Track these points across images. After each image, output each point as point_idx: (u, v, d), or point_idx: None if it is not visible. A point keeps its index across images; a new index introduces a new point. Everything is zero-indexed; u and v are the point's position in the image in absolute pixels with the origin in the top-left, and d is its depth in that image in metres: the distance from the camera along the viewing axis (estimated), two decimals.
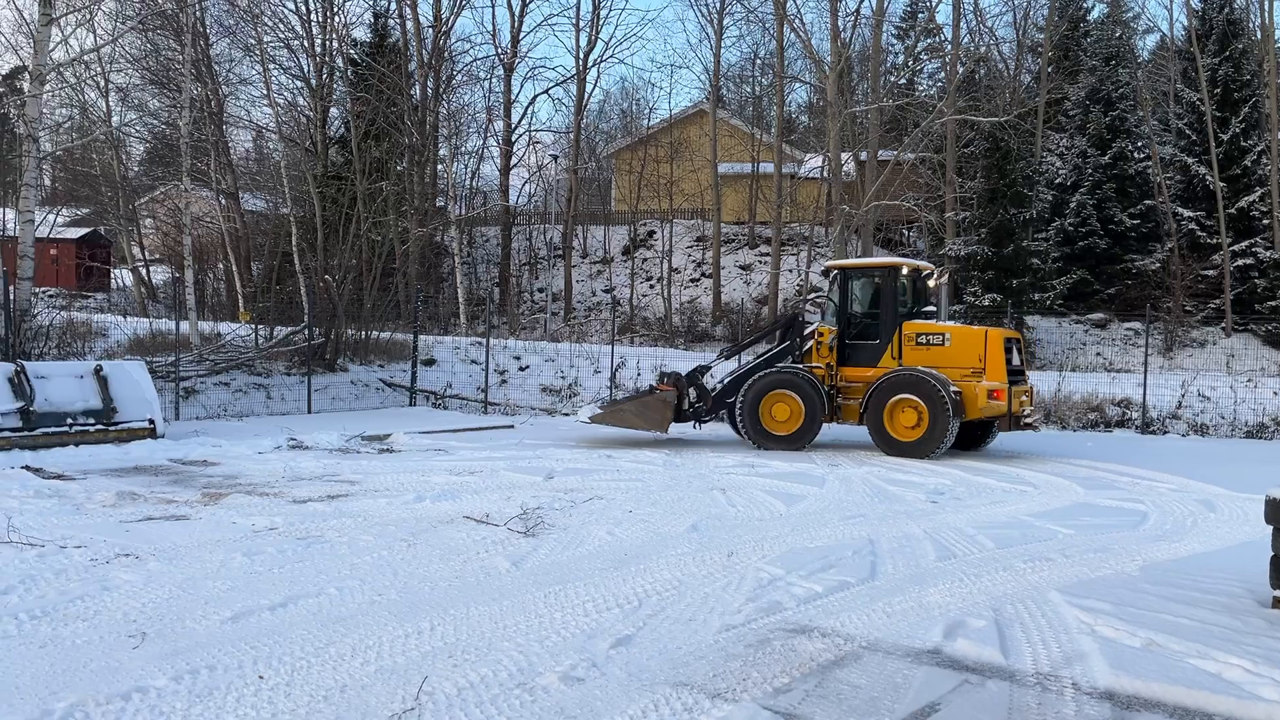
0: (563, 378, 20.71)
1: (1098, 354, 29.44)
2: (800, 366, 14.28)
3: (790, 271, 35.91)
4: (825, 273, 15.59)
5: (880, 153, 30.94)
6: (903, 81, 37.30)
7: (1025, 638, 5.41)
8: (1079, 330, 31.17)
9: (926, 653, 5.16)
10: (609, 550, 7.35)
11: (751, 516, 8.85)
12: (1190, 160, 31.57)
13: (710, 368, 15.55)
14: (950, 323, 14.82)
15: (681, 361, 21.97)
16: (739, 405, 14.25)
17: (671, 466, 12.04)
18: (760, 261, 37.30)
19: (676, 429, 15.44)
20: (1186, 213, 31.46)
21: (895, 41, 44.24)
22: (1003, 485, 11.06)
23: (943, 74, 36.66)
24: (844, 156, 30.86)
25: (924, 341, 13.92)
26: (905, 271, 14.40)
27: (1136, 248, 32.32)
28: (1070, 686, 4.70)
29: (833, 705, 4.42)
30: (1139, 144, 33.75)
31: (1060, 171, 33.92)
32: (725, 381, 14.97)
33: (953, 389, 13.24)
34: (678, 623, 5.57)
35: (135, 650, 4.90)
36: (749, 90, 47.36)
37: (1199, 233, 31.18)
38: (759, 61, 43.40)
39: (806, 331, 14.67)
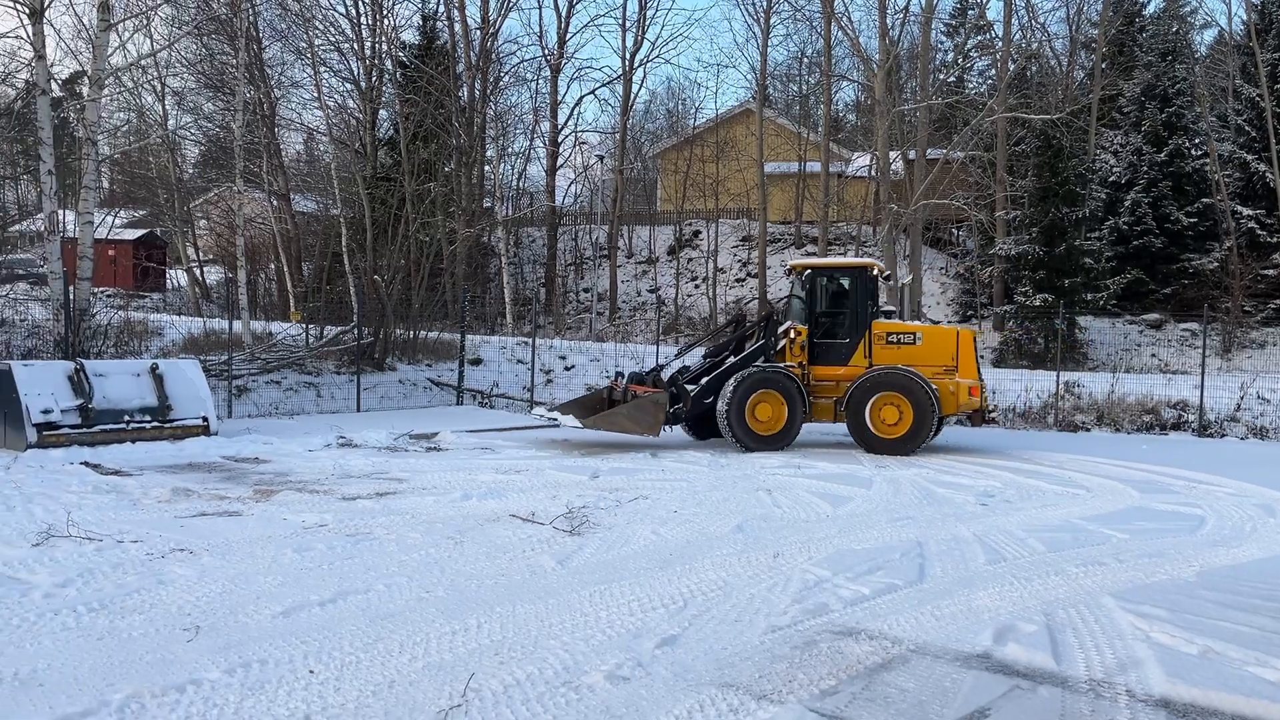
0: (607, 377, 20.64)
1: (1153, 355, 28.88)
2: (781, 366, 14.02)
3: None
4: (791, 271, 15.35)
5: (929, 151, 30.61)
6: (952, 79, 36.89)
7: (1078, 643, 5.31)
8: (1133, 331, 30.59)
9: (976, 657, 5.09)
10: (654, 550, 7.35)
11: (797, 518, 8.79)
12: (1249, 157, 30.85)
13: (663, 367, 15.13)
14: (916, 322, 15.15)
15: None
16: (725, 406, 13.61)
17: (716, 467, 12.00)
18: None
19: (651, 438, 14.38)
20: (1246, 211, 30.74)
21: (944, 39, 43.77)
22: (1054, 488, 10.88)
23: (993, 71, 36.19)
24: (892, 155, 30.57)
25: (895, 340, 14.14)
26: (875, 272, 14.59)
27: (1193, 247, 31.65)
28: (1125, 694, 4.61)
29: (880, 708, 4.37)
30: (1196, 141, 33.06)
31: (1114, 169, 33.32)
32: (704, 382, 14.30)
33: (933, 386, 13.57)
34: (723, 623, 5.55)
35: (189, 643, 4.99)
36: (796, 89, 47.12)
37: (1259, 231, 30.46)
38: (806, 60, 43.18)
39: (781, 330, 14.41)
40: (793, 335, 14.30)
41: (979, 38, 40.90)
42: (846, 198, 38.30)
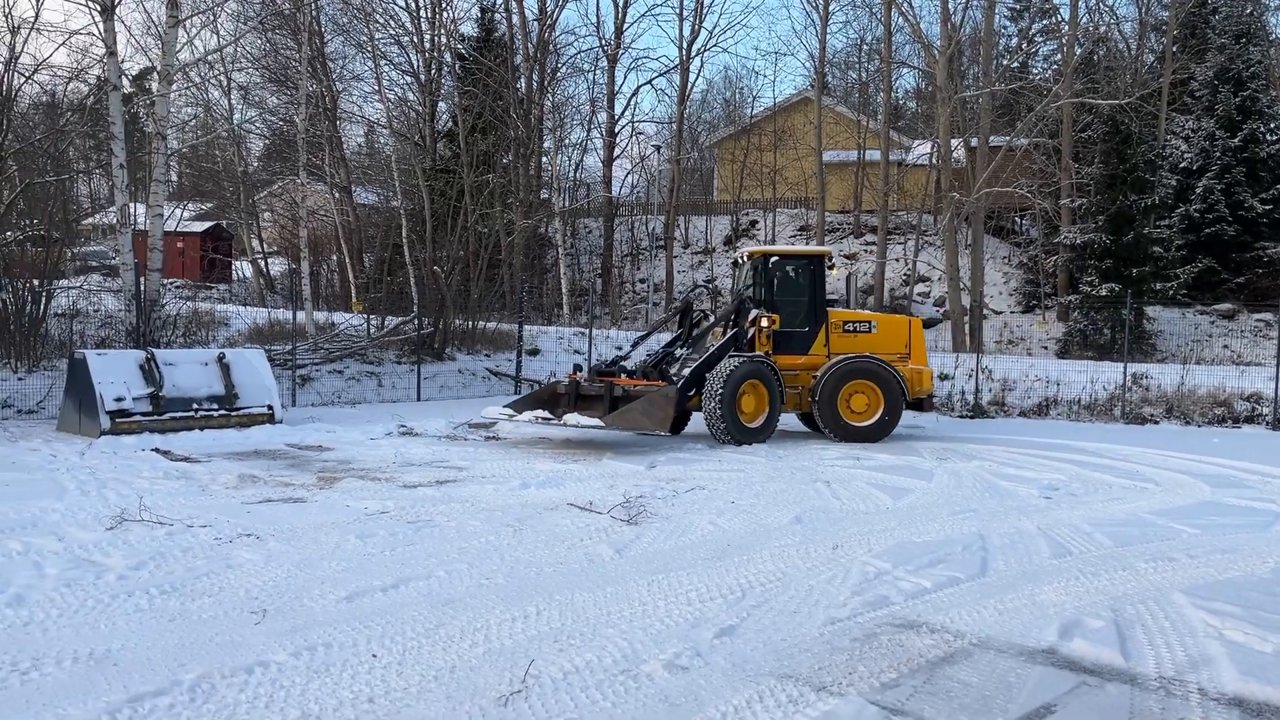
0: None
1: (1225, 346, 28.08)
2: (761, 356, 13.50)
3: (897, 260, 35.23)
4: (742, 260, 14.95)
5: (992, 138, 30.06)
6: (1016, 64, 36.16)
7: (1147, 640, 5.20)
8: (1204, 321, 29.77)
9: (1041, 652, 5.00)
10: (711, 540, 7.34)
11: (857, 509, 8.72)
12: None
13: (623, 357, 14.40)
14: (866, 310, 15.29)
15: None
16: (718, 400, 12.84)
17: (774, 458, 11.94)
18: (866, 250, 36.68)
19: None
20: None
21: (1008, 23, 42.88)
22: (1121, 482, 10.64)
23: (1059, 55, 35.41)
24: (954, 142, 30.07)
25: (851, 329, 14.27)
26: (829, 260, 14.64)
27: (1268, 234, 30.65)
28: (1196, 692, 4.50)
29: (942, 702, 4.32)
30: (1271, 125, 31.99)
31: (1185, 155, 32.39)
32: (686, 373, 13.25)
33: (900, 374, 13.77)
34: (782, 614, 5.52)
35: (257, 626, 5.10)
36: (855, 76, 46.55)
37: None
38: (865, 47, 42.63)
39: (751, 319, 13.82)
40: (764, 324, 13.85)
41: (1044, 21, 40.02)
42: (906, 186, 37.78)
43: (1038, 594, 6.04)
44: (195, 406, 12.88)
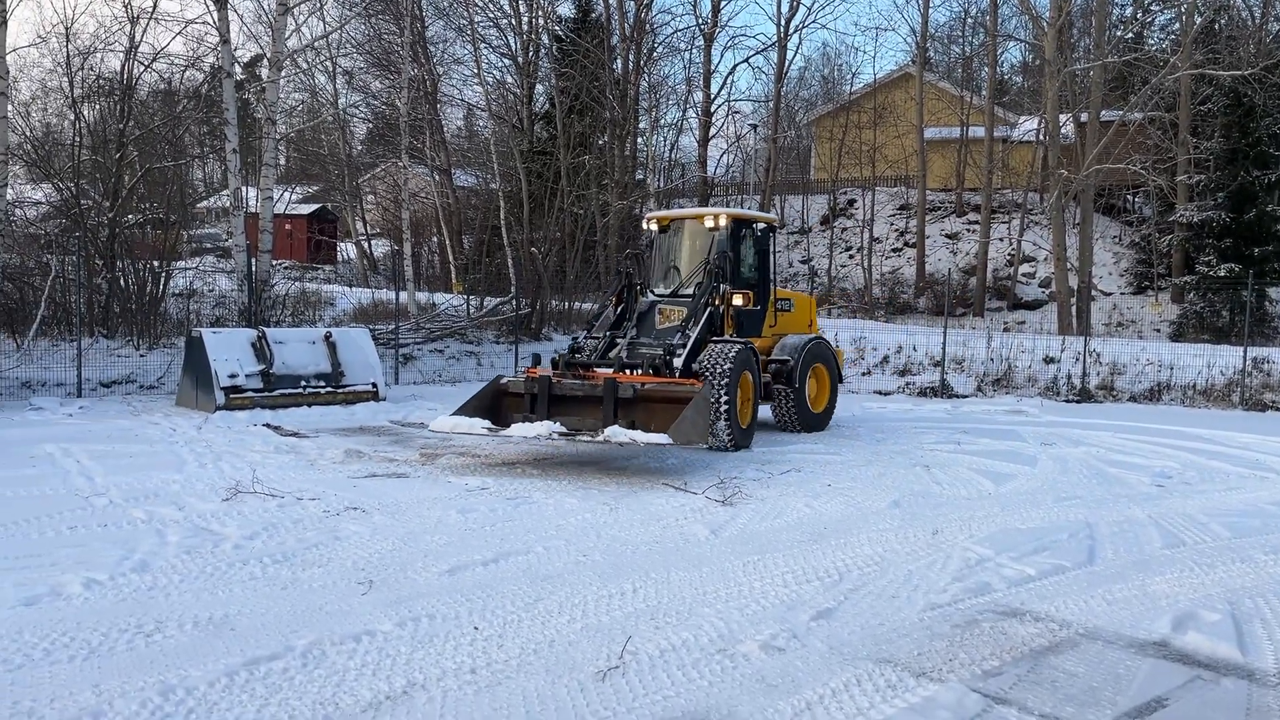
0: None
1: None
2: (741, 341, 10.99)
3: (1001, 240, 34.26)
4: (649, 228, 12.65)
5: (1103, 113, 28.92)
6: (1130, 35, 34.67)
7: (1267, 634, 4.98)
8: None
9: (1152, 644, 4.84)
10: (807, 523, 7.29)
11: (957, 495, 8.55)
12: None
13: (580, 349, 11.31)
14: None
15: (882, 334, 21.44)
16: (725, 398, 10.33)
17: (873, 441, 11.78)
18: (968, 230, 35.76)
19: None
20: None
21: None
22: (1239, 470, 10.19)
23: (1177, 25, 33.80)
24: (1062, 118, 29.04)
25: (781, 307, 12.79)
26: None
27: None
28: None
29: (1047, 692, 4.22)
30: None
31: None
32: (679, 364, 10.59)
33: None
34: (880, 599, 5.46)
35: (364, 596, 5.26)
36: (958, 51, 45.29)
37: None
38: (970, 20, 41.40)
39: (722, 294, 11.38)
40: (739, 302, 11.71)
41: None
42: (1011, 163, 36.66)
43: (1149, 584, 5.84)
44: (303, 383, 13.31)
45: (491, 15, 30.05)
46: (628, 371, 10.52)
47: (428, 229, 34.38)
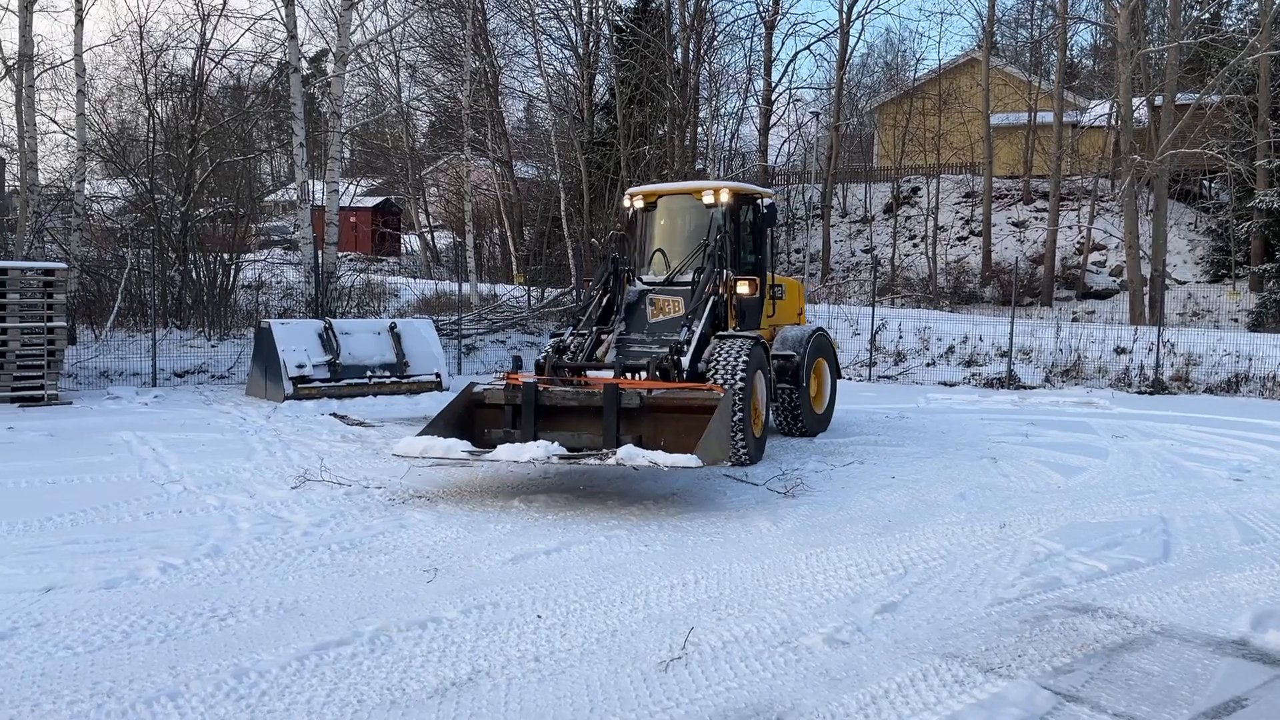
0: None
1: None
2: (750, 336, 9.44)
3: (1070, 228, 33.49)
4: (632, 203, 10.79)
5: (1179, 96, 28.09)
6: (1207, 15, 33.61)
7: None
8: None
9: (1231, 643, 4.70)
10: (871, 515, 7.21)
11: (1025, 488, 8.38)
12: None
13: (565, 348, 9.57)
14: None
15: (947, 324, 21.10)
16: (737, 396, 8.67)
17: (937, 433, 11.61)
18: (1036, 218, 35.02)
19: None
20: None
21: None
22: None
23: (1255, 4, 32.67)
24: (1135, 102, 28.26)
25: (774, 295, 11.05)
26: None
27: None
28: None
29: (1120, 690, 4.12)
30: None
31: None
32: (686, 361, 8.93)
33: None
34: (946, 593, 5.38)
35: (429, 584, 5.33)
36: (1026, 35, 44.32)
37: None
38: (1038, 3, 40.48)
39: (723, 281, 9.85)
40: (745, 291, 10.22)
41: None
42: (1081, 149, 35.79)
43: (1227, 582, 5.67)
44: (369, 373, 13.52)
45: (552, 7, 30.18)
46: (628, 375, 8.88)
47: (489, 221, 34.68)
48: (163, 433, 10.02)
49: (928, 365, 18.53)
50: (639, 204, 10.73)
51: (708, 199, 10.17)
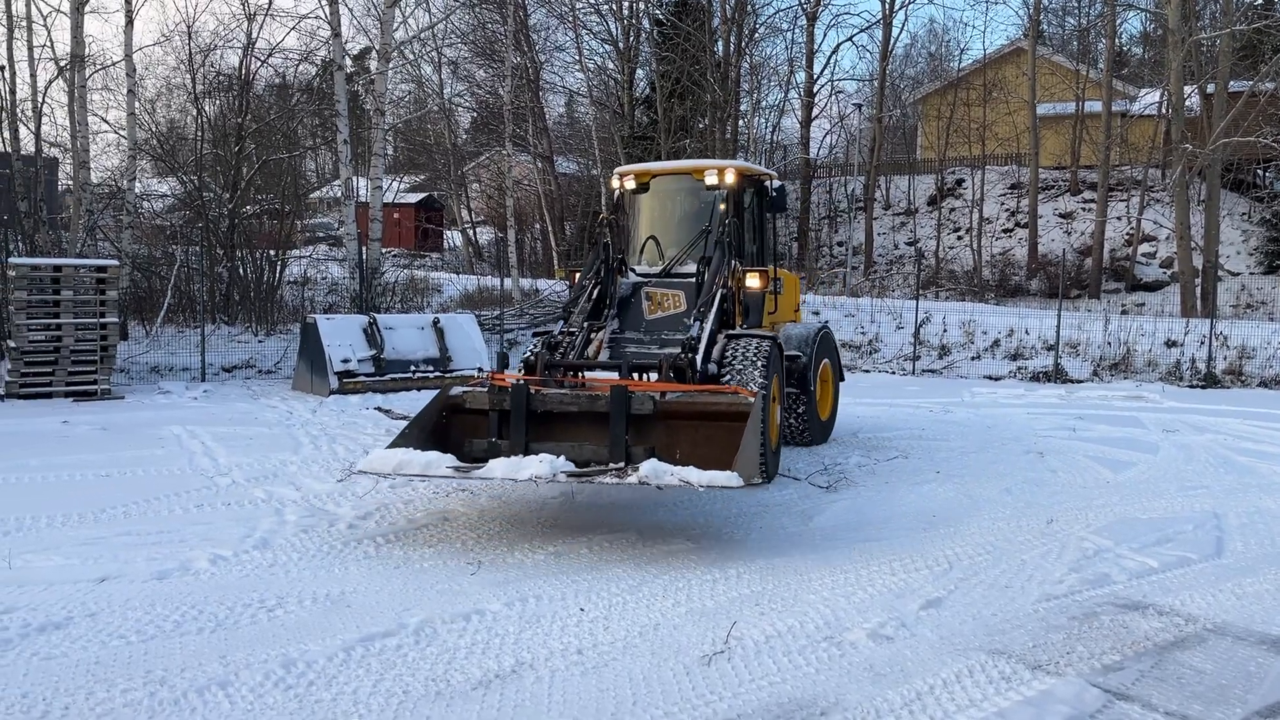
0: (863, 333, 20.26)
1: None
2: (764, 335, 8.48)
3: (1119, 219, 32.91)
4: (619, 185, 9.64)
5: (1232, 83, 27.47)
6: (1260, 1, 32.83)
7: None
8: None
9: None
10: (915, 510, 7.14)
11: (1073, 482, 8.26)
12: None
13: (556, 343, 8.31)
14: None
15: (992, 317, 20.84)
16: (761, 398, 7.15)
17: (981, 428, 11.47)
18: (1084, 209, 34.45)
19: None
20: None
21: None
22: None
23: None
24: (1187, 89, 27.67)
25: (774, 289, 9.76)
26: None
27: None
28: None
29: (1172, 689, 4.05)
30: None
31: None
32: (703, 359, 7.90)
33: None
34: (992, 588, 5.32)
35: (472, 576, 5.37)
36: (1073, 23, 43.57)
37: None
38: None
39: (732, 272, 8.78)
40: (756, 285, 9.19)
41: None
42: (1131, 139, 35.12)
43: None
44: (412, 368, 13.64)
45: (592, 1, 30.19)
46: (635, 376, 7.82)
47: (530, 216, 34.82)
48: (212, 426, 10.19)
49: (973, 359, 18.31)
50: (629, 185, 9.54)
51: (710, 179, 9.04)
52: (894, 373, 17.98)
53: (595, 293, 8.74)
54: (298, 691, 3.87)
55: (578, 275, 9.13)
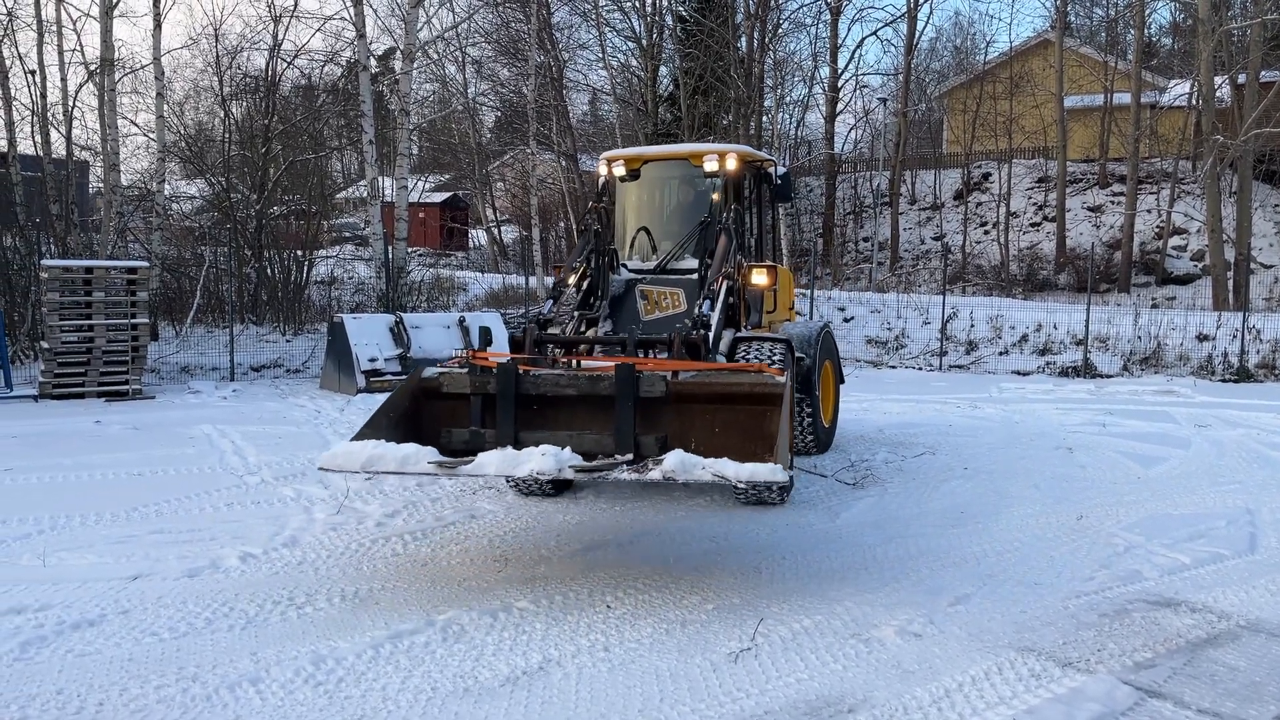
0: (889, 329, 20.16)
1: None
2: (778, 337, 7.76)
3: (1148, 212, 32.54)
4: (610, 170, 8.56)
5: (1263, 73, 27.09)
6: None
7: None
8: None
9: None
10: (942, 506, 7.10)
11: (1103, 478, 8.18)
12: None
13: (551, 319, 7.41)
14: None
15: (1020, 312, 20.66)
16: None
17: (1009, 424, 11.38)
18: (1112, 202, 34.08)
19: None
20: None
21: None
22: None
23: None
24: (1218, 80, 27.31)
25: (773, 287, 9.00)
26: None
27: None
28: None
29: (1205, 686, 4.00)
30: None
31: None
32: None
33: None
34: (1021, 585, 5.28)
35: (499, 573, 5.39)
36: (1101, 14, 43.12)
37: None
38: None
39: (737, 266, 7.97)
40: (762, 281, 8.48)
41: None
42: (1160, 130, 34.70)
43: None
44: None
45: None
46: (641, 354, 6.73)
47: (555, 214, 34.88)
48: (241, 425, 10.29)
49: (1000, 354, 18.17)
50: (619, 171, 8.53)
51: (710, 165, 8.13)
52: (920, 369, 17.88)
53: (585, 284, 7.94)
54: (328, 688, 3.90)
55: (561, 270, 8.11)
